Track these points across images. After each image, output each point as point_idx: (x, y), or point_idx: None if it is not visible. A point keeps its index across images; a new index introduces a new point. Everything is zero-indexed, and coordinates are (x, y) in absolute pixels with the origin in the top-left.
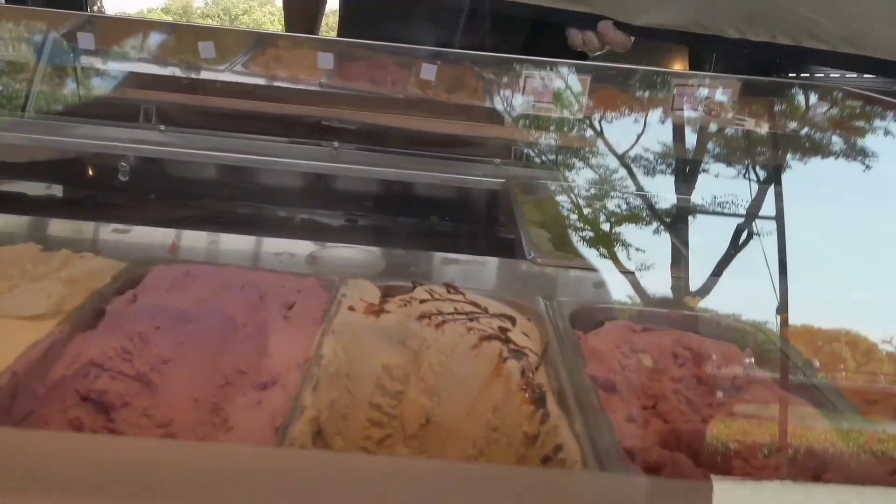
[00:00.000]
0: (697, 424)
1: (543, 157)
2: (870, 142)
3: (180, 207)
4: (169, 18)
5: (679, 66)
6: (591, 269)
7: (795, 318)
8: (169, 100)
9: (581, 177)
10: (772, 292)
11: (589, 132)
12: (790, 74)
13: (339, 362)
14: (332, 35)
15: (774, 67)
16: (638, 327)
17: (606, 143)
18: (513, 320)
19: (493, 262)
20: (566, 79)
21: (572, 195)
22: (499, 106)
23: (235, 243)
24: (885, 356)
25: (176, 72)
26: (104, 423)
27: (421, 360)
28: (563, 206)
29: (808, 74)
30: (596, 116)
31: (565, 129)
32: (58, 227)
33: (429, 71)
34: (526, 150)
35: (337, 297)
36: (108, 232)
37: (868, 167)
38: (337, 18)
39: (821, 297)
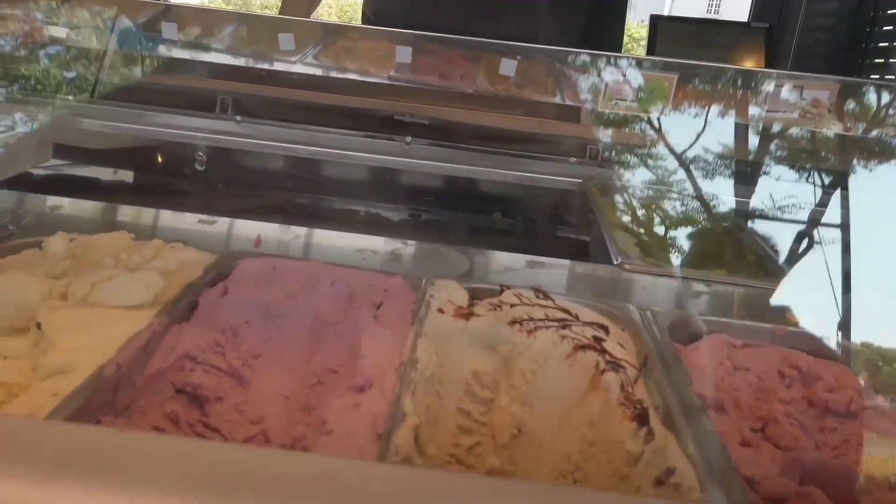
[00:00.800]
0: (829, 455)
1: (623, 157)
2: None
3: (255, 198)
4: (229, 8)
5: (754, 61)
6: (684, 277)
7: None
8: (245, 91)
9: (664, 179)
10: (875, 309)
11: (673, 132)
12: (872, 76)
13: (433, 367)
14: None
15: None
16: (738, 342)
17: (690, 145)
18: (606, 329)
19: (579, 266)
20: (647, 76)
21: (655, 198)
22: (573, 102)
23: (317, 238)
24: None
25: (251, 62)
26: (199, 416)
27: (512, 368)
28: (646, 210)
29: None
30: (680, 116)
31: (647, 128)
32: (145, 215)
33: (508, 67)
34: (603, 150)
35: (425, 298)
36: (195, 223)
37: None
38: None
39: None
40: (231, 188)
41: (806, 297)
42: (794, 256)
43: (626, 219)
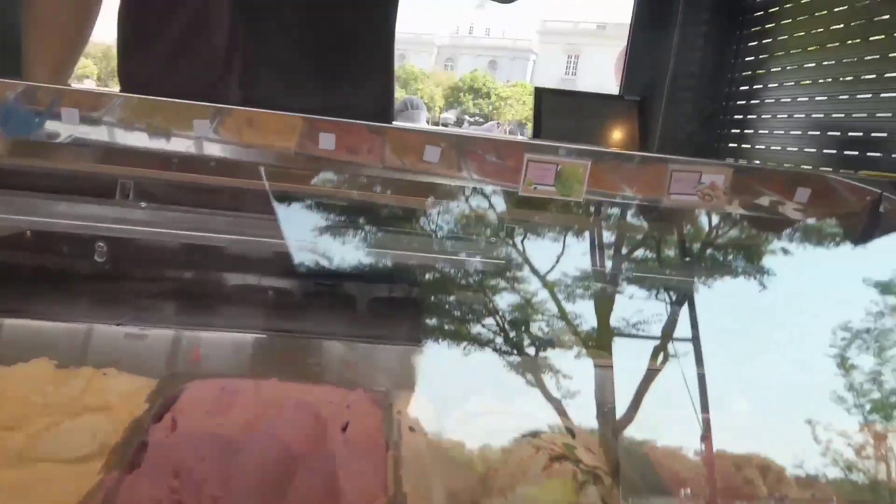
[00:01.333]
0: None
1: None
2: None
3: (169, 294)
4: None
5: (628, 131)
6: None
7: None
8: (149, 175)
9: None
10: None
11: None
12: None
13: (418, 497)
14: None
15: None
16: None
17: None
18: (572, 433)
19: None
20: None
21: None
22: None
23: (260, 345)
24: (795, 481)
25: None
26: None
27: (490, 486)
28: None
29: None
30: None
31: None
32: (59, 333)
33: (432, 153)
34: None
35: (392, 415)
36: (121, 338)
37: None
38: None
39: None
40: (139, 283)
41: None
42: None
43: None
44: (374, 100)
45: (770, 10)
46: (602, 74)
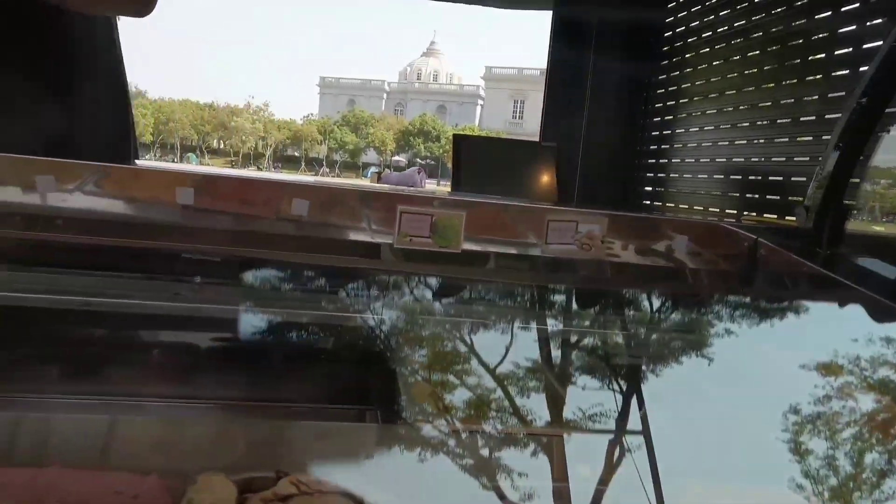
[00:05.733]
0: None
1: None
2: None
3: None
4: None
5: (547, 175)
6: None
7: None
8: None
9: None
10: None
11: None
12: (646, 188)
13: None
14: None
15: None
16: None
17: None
18: None
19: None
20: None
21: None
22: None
23: (57, 425)
24: None
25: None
26: None
27: None
28: None
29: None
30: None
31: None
32: None
33: (301, 206)
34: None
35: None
36: None
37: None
38: None
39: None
40: None
41: None
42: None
43: None
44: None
45: (674, 60)
46: None
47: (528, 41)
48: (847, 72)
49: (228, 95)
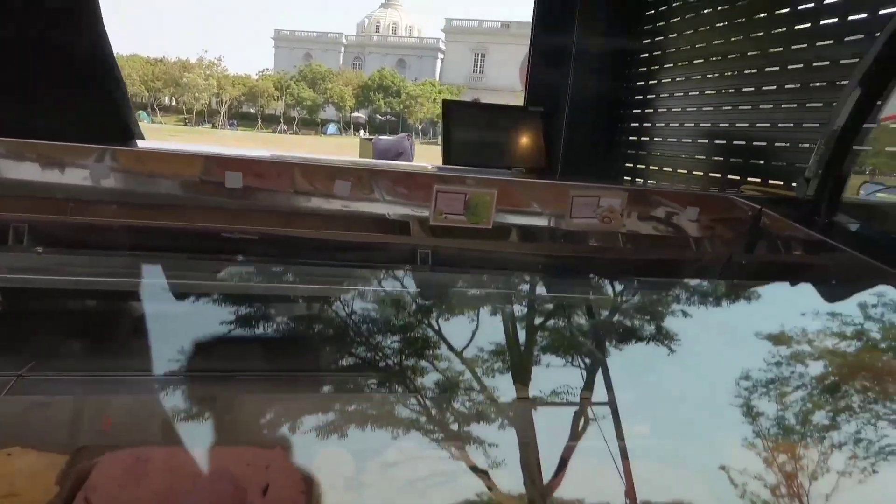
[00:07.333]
0: None
1: None
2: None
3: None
4: None
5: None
6: None
7: None
8: (44, 218)
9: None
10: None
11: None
12: (629, 151)
13: None
14: None
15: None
16: None
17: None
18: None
19: None
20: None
21: None
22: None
23: (171, 411)
24: None
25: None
26: None
27: None
28: None
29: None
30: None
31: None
32: None
33: (343, 187)
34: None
35: (311, 472)
36: (23, 409)
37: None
38: None
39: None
40: (36, 338)
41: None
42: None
43: None
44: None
45: (658, 25)
46: (508, 73)
47: None
48: (832, 42)
49: (180, 50)
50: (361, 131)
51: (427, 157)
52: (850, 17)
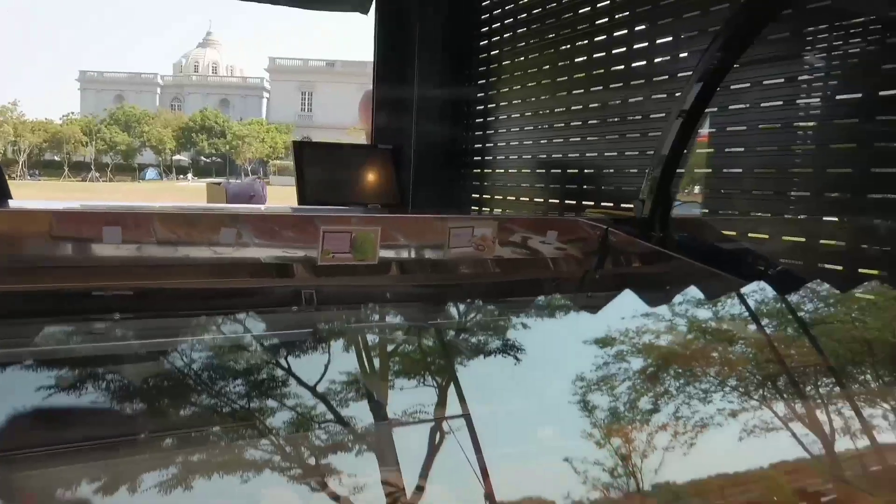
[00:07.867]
0: None
1: None
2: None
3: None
4: None
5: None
6: None
7: None
8: None
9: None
10: None
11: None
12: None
13: None
14: None
15: None
16: None
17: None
18: None
19: None
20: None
21: None
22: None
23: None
24: None
25: None
26: None
27: None
28: None
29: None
30: None
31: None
32: None
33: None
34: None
35: None
36: None
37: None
38: None
39: None
40: None
41: None
42: None
43: None
44: None
45: (491, 67)
46: (337, 111)
47: (311, 32)
48: (643, 81)
49: None
50: (150, 169)
51: (275, 197)
52: (657, 60)
